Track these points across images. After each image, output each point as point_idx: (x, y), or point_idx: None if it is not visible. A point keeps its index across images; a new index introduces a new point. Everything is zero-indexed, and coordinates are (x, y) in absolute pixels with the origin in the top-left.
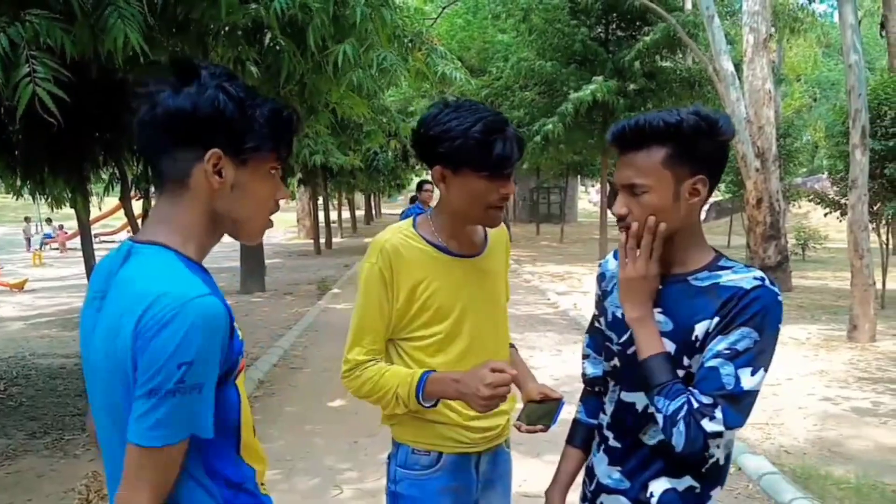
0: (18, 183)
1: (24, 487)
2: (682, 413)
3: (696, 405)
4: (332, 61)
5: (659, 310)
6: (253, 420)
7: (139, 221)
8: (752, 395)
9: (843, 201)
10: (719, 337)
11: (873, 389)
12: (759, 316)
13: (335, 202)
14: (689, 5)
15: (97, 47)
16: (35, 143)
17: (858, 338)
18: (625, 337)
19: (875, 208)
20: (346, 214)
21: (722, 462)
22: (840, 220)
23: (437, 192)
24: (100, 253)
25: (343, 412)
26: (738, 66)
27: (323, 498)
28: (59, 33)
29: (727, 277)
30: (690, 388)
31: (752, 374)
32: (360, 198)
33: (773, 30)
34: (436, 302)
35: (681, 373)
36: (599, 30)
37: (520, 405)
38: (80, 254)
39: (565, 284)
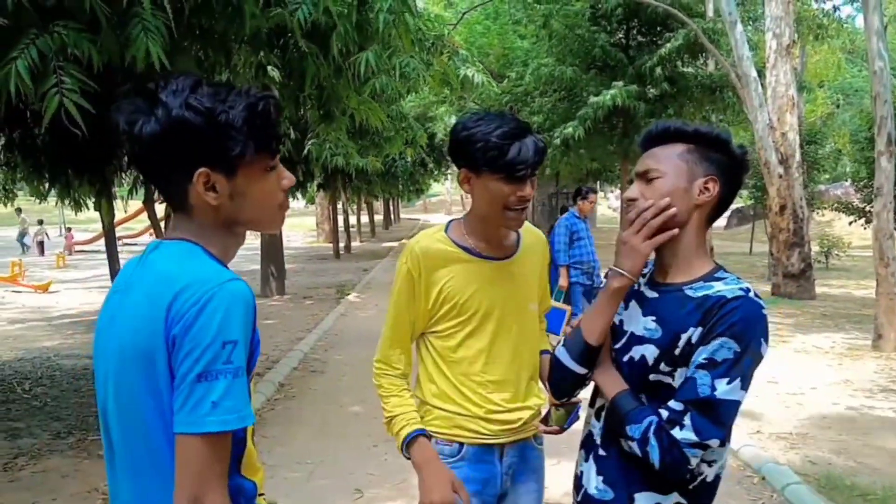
0: (45, 186)
1: (48, 487)
2: (652, 429)
3: (665, 415)
4: (355, 68)
5: (652, 318)
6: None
7: (162, 224)
8: (727, 404)
9: (867, 209)
10: (701, 348)
11: None
12: (738, 326)
13: (354, 207)
14: (710, 11)
15: (122, 56)
16: (60, 146)
17: (883, 347)
18: (620, 342)
19: None
20: (364, 219)
21: (710, 479)
22: (865, 228)
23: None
24: (123, 256)
25: (362, 416)
26: (760, 72)
27: (342, 501)
28: (87, 44)
29: (716, 288)
30: (664, 404)
31: (728, 383)
32: (378, 203)
33: (795, 35)
34: (460, 300)
35: (654, 377)
36: (620, 35)
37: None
38: (100, 257)
39: None
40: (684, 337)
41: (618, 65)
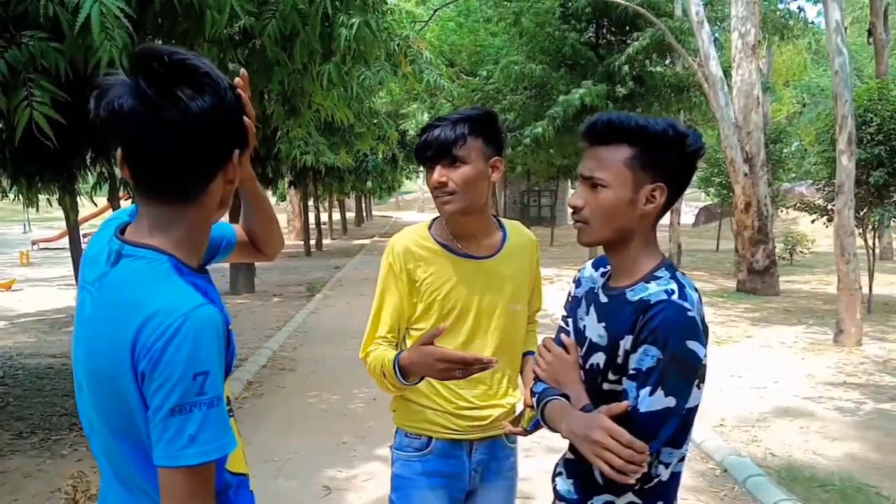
0: (6, 183)
1: (10, 487)
2: None
3: None
4: (319, 78)
5: (603, 324)
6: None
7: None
8: (651, 416)
9: (829, 207)
10: (631, 356)
11: (859, 393)
12: (659, 332)
13: (326, 204)
14: (678, 11)
15: (87, 60)
16: (23, 142)
17: (845, 342)
18: (584, 349)
19: (861, 214)
20: (336, 216)
21: (665, 479)
22: (826, 226)
23: None
24: None
25: (331, 413)
26: (726, 72)
27: (311, 499)
28: (54, 54)
29: (650, 290)
30: None
31: (651, 393)
32: (350, 200)
33: (761, 35)
34: (437, 296)
35: (606, 386)
36: (590, 34)
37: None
38: (64, 255)
39: (555, 287)
40: (622, 344)
41: (588, 63)
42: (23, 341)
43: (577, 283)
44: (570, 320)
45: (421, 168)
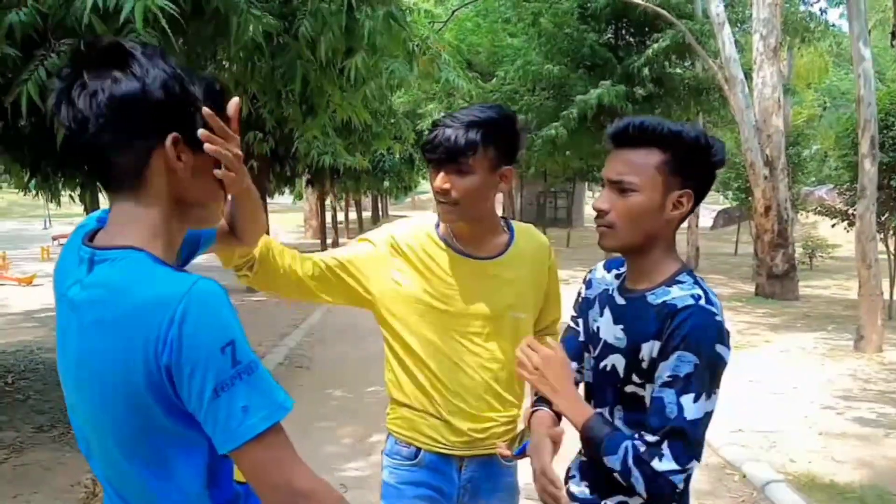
0: (26, 178)
1: (31, 480)
2: (630, 460)
3: (642, 449)
4: (347, 74)
5: (620, 326)
6: None
7: None
8: (698, 424)
9: (850, 211)
10: (661, 364)
11: (879, 400)
12: (690, 337)
13: (342, 203)
14: (699, 12)
15: None
16: (43, 138)
17: (865, 348)
18: (597, 350)
19: (883, 219)
20: (353, 215)
21: (680, 487)
22: (847, 231)
23: None
24: None
25: (349, 411)
26: (747, 74)
27: None
28: None
29: (673, 294)
30: (638, 431)
31: (695, 401)
32: (366, 199)
33: (782, 38)
34: (423, 289)
35: (629, 389)
36: (609, 35)
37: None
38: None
39: (570, 289)
40: (645, 348)
41: (606, 64)
42: (43, 336)
43: (588, 284)
44: (580, 321)
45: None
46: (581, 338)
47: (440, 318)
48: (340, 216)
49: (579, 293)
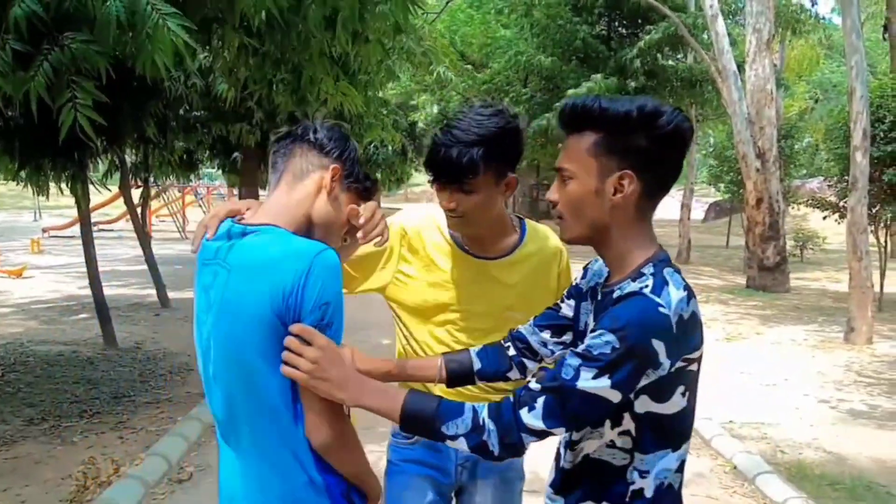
0: (16, 168)
1: (21, 474)
2: (484, 414)
3: (520, 394)
4: (344, 62)
5: (595, 322)
6: None
7: (139, 210)
8: (583, 397)
9: (840, 204)
10: (588, 335)
11: (869, 392)
12: (622, 321)
13: None
14: (692, 4)
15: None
16: (34, 128)
17: (855, 340)
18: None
19: (874, 211)
20: None
21: (649, 495)
22: (838, 223)
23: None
24: (99, 242)
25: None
26: (740, 67)
27: None
28: (96, 58)
29: (630, 288)
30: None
31: (595, 377)
32: None
33: (774, 30)
34: (426, 282)
35: None
36: (601, 27)
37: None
38: (75, 242)
39: None
40: None
41: (599, 56)
42: (33, 328)
43: (584, 273)
44: (572, 303)
45: None
46: (563, 314)
47: (441, 311)
48: None
49: (575, 279)
